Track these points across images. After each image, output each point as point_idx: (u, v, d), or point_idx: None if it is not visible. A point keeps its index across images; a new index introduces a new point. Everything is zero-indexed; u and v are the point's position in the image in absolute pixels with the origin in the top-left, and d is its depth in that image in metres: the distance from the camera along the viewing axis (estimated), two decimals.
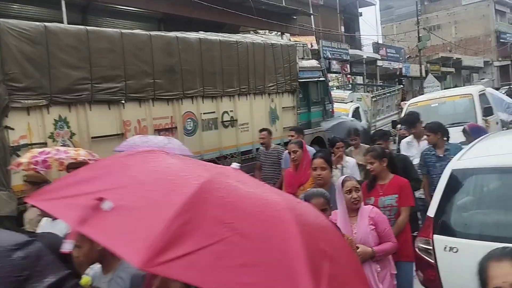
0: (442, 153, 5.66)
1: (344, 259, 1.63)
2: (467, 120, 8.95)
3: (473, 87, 11.93)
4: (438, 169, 5.38)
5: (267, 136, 7.53)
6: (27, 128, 5.95)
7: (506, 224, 3.34)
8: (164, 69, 7.67)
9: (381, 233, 3.39)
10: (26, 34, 5.89)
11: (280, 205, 1.51)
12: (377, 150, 4.34)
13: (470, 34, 50.94)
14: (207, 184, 1.46)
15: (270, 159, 7.38)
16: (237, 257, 1.28)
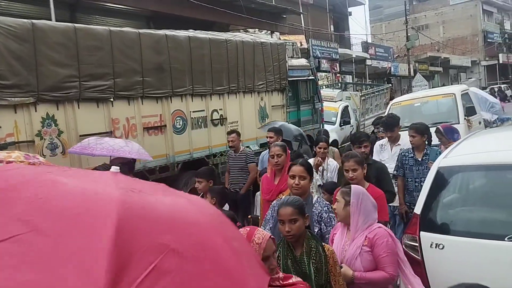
0: (421, 157, 5.41)
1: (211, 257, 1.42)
2: (449, 120, 9.04)
3: (456, 87, 11.97)
4: (414, 174, 5.30)
5: (237, 139, 7.27)
6: (14, 126, 5.89)
7: (491, 221, 3.39)
8: (153, 67, 7.63)
9: (376, 259, 2.99)
10: (13, 31, 5.82)
11: (109, 199, 1.38)
12: (358, 155, 4.05)
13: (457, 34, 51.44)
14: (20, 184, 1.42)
15: (239, 162, 7.18)
16: (21, 255, 1.21)
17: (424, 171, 5.13)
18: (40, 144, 6.12)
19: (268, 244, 2.23)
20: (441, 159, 3.69)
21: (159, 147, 7.82)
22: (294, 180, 3.50)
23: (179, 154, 8.16)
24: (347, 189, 3.16)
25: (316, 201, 3.54)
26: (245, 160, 7.12)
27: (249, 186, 7.08)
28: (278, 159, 4.53)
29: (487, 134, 5.00)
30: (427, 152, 5.35)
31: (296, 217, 2.76)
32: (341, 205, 3.11)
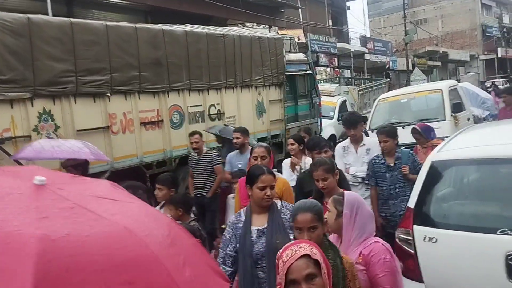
0: (393, 162, 4.91)
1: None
2: (435, 117, 8.93)
3: (444, 82, 11.72)
4: (388, 181, 4.87)
5: (200, 140, 6.87)
6: (11, 121, 5.89)
7: (483, 215, 3.42)
8: (150, 62, 7.63)
9: (372, 279, 2.60)
10: (9, 26, 5.81)
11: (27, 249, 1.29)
12: (328, 162, 3.62)
13: (456, 28, 51.37)
14: None
15: (204, 165, 6.77)
16: None
17: (398, 177, 4.87)
18: (37, 139, 6.11)
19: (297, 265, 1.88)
20: (435, 153, 3.70)
21: (156, 142, 7.84)
22: (265, 191, 3.04)
23: (177, 149, 8.18)
24: (339, 197, 2.81)
25: (281, 205, 3.20)
26: (211, 162, 6.74)
27: (216, 188, 6.73)
28: (262, 161, 4.02)
29: (481, 128, 5.02)
30: (398, 156, 4.94)
31: (316, 224, 2.49)
32: (333, 216, 2.76)
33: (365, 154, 5.27)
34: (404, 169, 4.83)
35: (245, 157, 5.70)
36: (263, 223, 3.05)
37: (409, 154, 5.01)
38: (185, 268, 1.54)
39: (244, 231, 3.04)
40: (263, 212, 3.08)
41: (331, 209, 2.80)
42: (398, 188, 4.86)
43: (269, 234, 2.98)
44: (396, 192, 4.87)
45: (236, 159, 6.23)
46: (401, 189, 4.86)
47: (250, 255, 2.97)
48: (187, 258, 1.60)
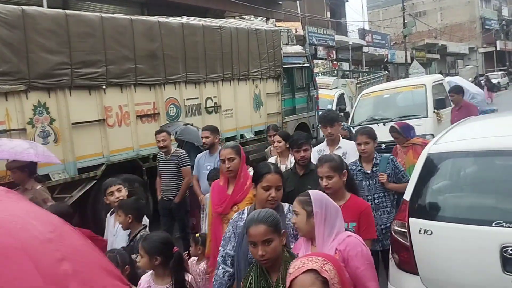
0: (370, 169, 4.36)
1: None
2: (417, 113, 8.63)
3: (428, 77, 11.26)
4: (366, 190, 4.27)
5: (168, 139, 6.22)
6: (5, 113, 5.86)
7: (479, 207, 3.40)
8: (145, 54, 7.59)
9: (354, 274, 2.41)
10: (3, 18, 5.76)
11: None
12: (335, 159, 3.32)
13: (455, 20, 51.28)
14: None
15: (171, 166, 6.16)
16: None
17: (377, 186, 4.29)
18: (32, 132, 6.10)
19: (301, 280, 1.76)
20: (431, 146, 3.68)
21: (152, 135, 7.74)
22: (269, 192, 2.82)
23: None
24: (305, 197, 2.60)
25: (288, 210, 2.91)
26: (178, 163, 6.12)
27: (184, 192, 6.16)
28: (230, 163, 3.66)
29: (477, 120, 4.98)
30: (376, 162, 4.36)
31: (270, 237, 2.28)
32: (303, 218, 2.57)
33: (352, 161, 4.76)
34: (382, 177, 4.26)
35: (215, 158, 5.36)
36: None
37: (389, 160, 4.38)
38: (62, 263, 1.60)
39: (243, 231, 2.75)
40: None
41: (299, 211, 2.57)
42: (378, 198, 4.26)
43: None
44: (375, 203, 4.24)
45: (205, 160, 5.78)
46: (380, 199, 4.26)
47: (245, 258, 2.73)
48: (69, 255, 1.65)
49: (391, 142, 6.56)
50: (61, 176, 6.38)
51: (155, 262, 2.99)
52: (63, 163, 6.44)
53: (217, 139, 5.86)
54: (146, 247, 3.03)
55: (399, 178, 4.31)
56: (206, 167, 5.62)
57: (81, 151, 6.64)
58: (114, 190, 4.23)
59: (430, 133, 8.23)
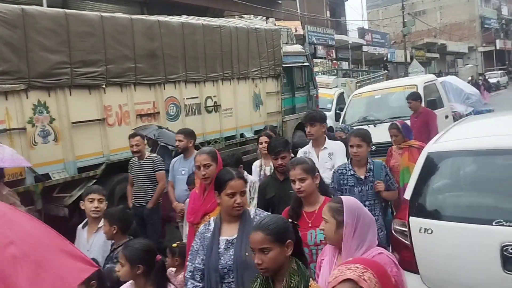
0: (364, 174, 4.02)
1: None
2: (408, 114, 8.23)
3: (420, 77, 11.06)
4: (357, 197, 3.62)
5: (141, 143, 5.90)
6: (5, 113, 5.85)
7: (479, 206, 3.41)
8: (145, 53, 7.59)
9: None
10: (3, 17, 5.76)
11: None
12: (307, 161, 3.21)
13: (455, 19, 51.26)
14: None
15: (145, 171, 5.84)
16: None
17: (369, 193, 3.97)
18: (32, 131, 6.10)
19: None
20: (431, 145, 3.69)
21: None
22: (235, 199, 2.72)
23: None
24: (337, 204, 2.44)
25: (255, 214, 2.81)
26: (152, 167, 5.83)
27: (158, 198, 5.85)
28: (206, 170, 3.42)
29: (477, 120, 4.99)
30: (370, 167, 4.05)
31: (269, 246, 2.18)
32: (332, 227, 2.41)
33: (327, 159, 4.59)
34: (379, 185, 3.98)
35: (190, 163, 5.10)
36: (233, 233, 2.72)
37: (382, 166, 4.13)
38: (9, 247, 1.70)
39: (211, 242, 2.72)
40: (234, 221, 2.76)
41: (329, 220, 2.43)
42: (368, 206, 3.89)
43: (238, 246, 2.65)
44: None
45: (179, 165, 5.53)
46: (371, 207, 3.94)
47: (215, 269, 2.66)
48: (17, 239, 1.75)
49: (383, 144, 6.48)
50: (61, 176, 6.38)
51: (137, 271, 2.78)
52: (63, 163, 6.45)
53: (191, 143, 5.52)
54: (127, 255, 2.79)
55: (389, 186, 4.11)
56: (180, 172, 5.43)
57: (81, 150, 6.64)
58: (96, 198, 3.92)
59: None
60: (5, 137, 5.81)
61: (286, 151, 4.07)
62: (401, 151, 5.36)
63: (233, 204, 2.72)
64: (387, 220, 4.04)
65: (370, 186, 3.99)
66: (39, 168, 6.16)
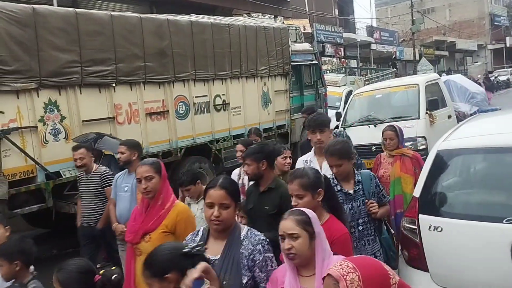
0: (352, 189, 3.45)
1: None
2: (409, 115, 8.39)
3: (422, 76, 10.79)
4: (349, 215, 3.34)
5: (87, 155, 5.23)
6: (17, 111, 5.92)
7: (489, 204, 3.40)
8: (155, 52, 7.63)
9: None
10: (14, 16, 5.82)
11: None
12: (308, 175, 2.79)
13: (464, 17, 50.89)
14: None
15: (92, 187, 5.24)
16: None
17: (361, 209, 3.41)
18: (43, 130, 6.17)
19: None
20: (440, 142, 3.67)
21: (162, 133, 7.85)
22: (212, 211, 2.39)
23: (182, 140, 8.19)
24: (303, 216, 2.24)
25: (245, 236, 2.45)
26: (100, 182, 5.21)
27: (107, 217, 5.11)
28: (148, 183, 3.13)
29: (488, 117, 4.96)
30: (359, 180, 3.49)
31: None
32: (306, 241, 2.18)
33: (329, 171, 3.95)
34: (372, 206, 3.41)
35: (133, 178, 4.33)
36: (217, 253, 2.39)
37: (371, 177, 3.56)
38: None
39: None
40: (221, 238, 2.42)
41: (301, 234, 2.19)
42: (362, 225, 3.40)
43: (218, 270, 2.29)
44: (358, 230, 3.39)
45: (122, 181, 4.84)
46: (365, 226, 3.42)
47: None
48: None
49: None
50: (72, 173, 6.43)
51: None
52: None
53: (135, 155, 4.79)
54: (61, 279, 2.36)
55: (380, 198, 3.53)
56: (123, 189, 4.75)
57: None
58: None
59: (422, 135, 8.03)
60: (17, 136, 5.89)
61: (250, 159, 3.59)
62: (391, 160, 4.86)
63: (210, 216, 2.39)
64: (383, 238, 3.53)
65: (362, 201, 3.41)
66: (50, 166, 6.23)
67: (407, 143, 8.08)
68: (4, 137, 5.72)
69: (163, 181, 3.17)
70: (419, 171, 4.16)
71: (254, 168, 3.55)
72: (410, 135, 8.08)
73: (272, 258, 2.42)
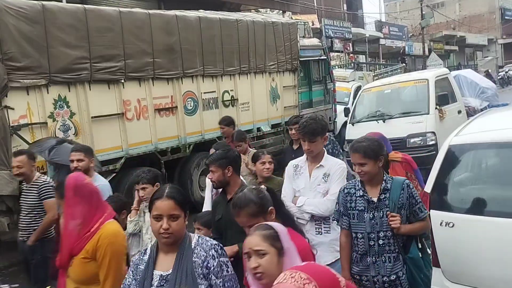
0: (377, 196, 3.03)
1: None
2: (418, 110, 8.37)
3: (431, 72, 10.69)
4: (367, 225, 3.02)
5: (26, 163, 4.56)
6: (27, 107, 5.96)
7: (502, 199, 3.36)
8: (163, 48, 7.63)
9: None
10: (24, 13, 5.85)
11: None
12: (254, 202, 2.49)
13: (474, 11, 50.37)
14: None
15: (30, 198, 4.57)
16: None
17: (383, 220, 2.99)
18: (53, 126, 6.20)
19: None
20: (452, 137, 3.63)
21: (170, 129, 7.86)
22: (160, 223, 2.23)
23: (191, 135, 8.20)
24: (270, 231, 2.05)
25: (197, 243, 2.31)
26: (38, 194, 4.53)
27: (43, 232, 4.49)
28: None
29: (499, 112, 4.90)
30: (387, 187, 3.03)
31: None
32: (273, 259, 2.00)
33: (321, 181, 3.57)
34: (393, 220, 2.95)
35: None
36: (169, 268, 2.25)
37: (404, 185, 3.03)
38: None
39: (143, 277, 2.26)
40: (171, 251, 2.28)
41: (268, 250, 1.99)
42: (383, 238, 2.99)
43: (172, 284, 2.20)
44: (378, 244, 3.00)
45: None
46: (387, 240, 2.99)
47: None
48: None
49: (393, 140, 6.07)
50: None
51: None
52: None
53: (92, 162, 4.39)
54: None
55: (415, 212, 3.02)
56: None
57: (100, 144, 6.72)
58: None
59: (431, 130, 8.03)
60: (27, 132, 5.92)
61: (214, 166, 3.37)
62: None
63: (158, 229, 2.23)
64: (409, 258, 2.99)
65: (385, 213, 3.00)
66: None
67: (416, 139, 8.07)
68: (14, 133, 5.76)
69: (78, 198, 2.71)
70: (412, 174, 4.02)
71: (219, 175, 3.36)
72: (419, 130, 8.05)
73: (227, 263, 2.31)
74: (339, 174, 3.56)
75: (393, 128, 8.16)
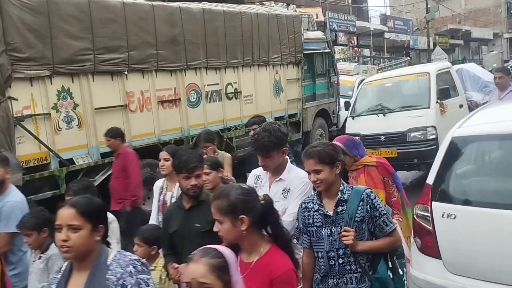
0: (333, 209, 2.68)
1: None
2: (419, 104, 8.30)
3: (433, 65, 10.58)
4: (326, 242, 2.67)
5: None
6: (31, 98, 5.98)
7: (504, 191, 3.35)
8: (167, 40, 7.63)
9: None
10: (28, 4, 5.85)
11: None
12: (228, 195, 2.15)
13: (480, 5, 49.94)
14: None
15: None
16: None
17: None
18: (56, 117, 6.22)
19: None
20: (455, 129, 3.62)
21: (173, 121, 7.88)
22: (60, 236, 2.02)
23: (194, 128, 8.19)
24: (219, 260, 1.79)
25: (113, 259, 2.09)
26: None
27: None
28: None
29: (502, 104, 4.88)
30: (343, 198, 2.68)
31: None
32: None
33: (280, 197, 3.14)
34: (346, 236, 2.60)
35: (4, 201, 3.65)
36: (81, 286, 2.04)
37: (363, 195, 2.67)
38: None
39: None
40: (84, 269, 2.06)
41: (213, 284, 1.74)
42: (342, 257, 2.65)
43: None
44: (339, 263, 2.66)
45: None
46: (346, 259, 2.64)
47: None
48: None
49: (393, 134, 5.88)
50: (85, 161, 6.50)
51: None
52: (87, 148, 6.56)
53: (9, 172, 3.85)
54: None
55: (380, 226, 2.67)
56: None
57: None
58: None
59: (432, 125, 7.96)
60: (30, 122, 5.95)
61: (202, 168, 3.14)
62: (355, 174, 3.78)
63: (60, 243, 2.02)
64: (375, 279, 2.64)
65: (340, 228, 2.65)
66: (63, 153, 6.29)
67: (417, 133, 8.02)
68: (18, 124, 5.78)
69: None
70: (389, 179, 3.74)
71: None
72: (420, 124, 8.01)
73: (148, 281, 2.05)
74: (300, 190, 3.11)
75: (393, 122, 8.14)
